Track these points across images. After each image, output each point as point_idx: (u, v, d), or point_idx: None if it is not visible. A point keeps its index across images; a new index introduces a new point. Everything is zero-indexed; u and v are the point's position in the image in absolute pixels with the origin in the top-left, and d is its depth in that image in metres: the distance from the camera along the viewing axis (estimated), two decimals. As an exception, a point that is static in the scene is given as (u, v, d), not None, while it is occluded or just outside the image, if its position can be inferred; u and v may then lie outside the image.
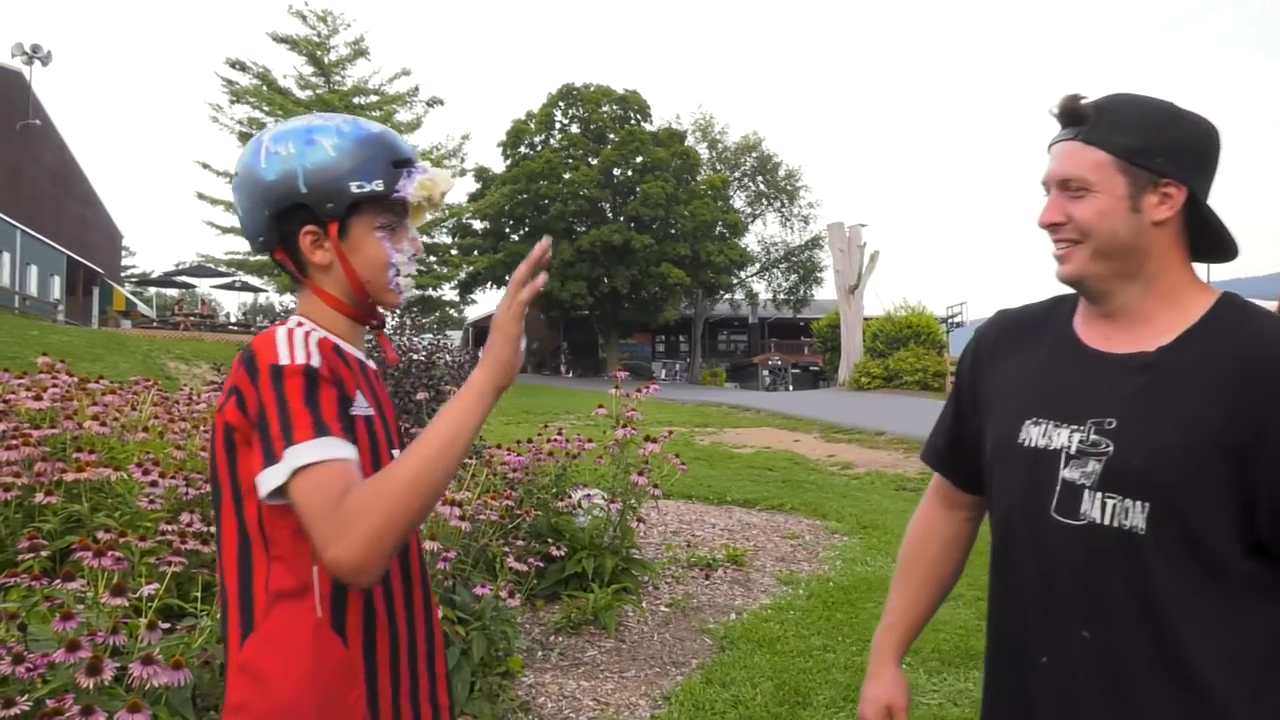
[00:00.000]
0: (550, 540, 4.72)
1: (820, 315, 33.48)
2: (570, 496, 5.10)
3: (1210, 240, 1.31)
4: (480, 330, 45.73)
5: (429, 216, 1.45)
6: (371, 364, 1.46)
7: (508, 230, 37.58)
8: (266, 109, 30.39)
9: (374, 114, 31.48)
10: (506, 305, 1.25)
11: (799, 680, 3.99)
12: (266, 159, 1.34)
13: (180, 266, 39.22)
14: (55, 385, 4.59)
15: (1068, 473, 1.28)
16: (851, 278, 27.02)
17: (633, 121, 38.12)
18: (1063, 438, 1.29)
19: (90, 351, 16.44)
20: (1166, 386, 1.24)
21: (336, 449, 1.19)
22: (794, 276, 44.65)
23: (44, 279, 30.06)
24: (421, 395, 6.26)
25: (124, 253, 50.56)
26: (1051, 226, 1.31)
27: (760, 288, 45.31)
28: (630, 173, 36.99)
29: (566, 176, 35.70)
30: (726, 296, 43.03)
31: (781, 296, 44.67)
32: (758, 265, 44.44)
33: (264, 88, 30.82)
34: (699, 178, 38.82)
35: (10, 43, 30.14)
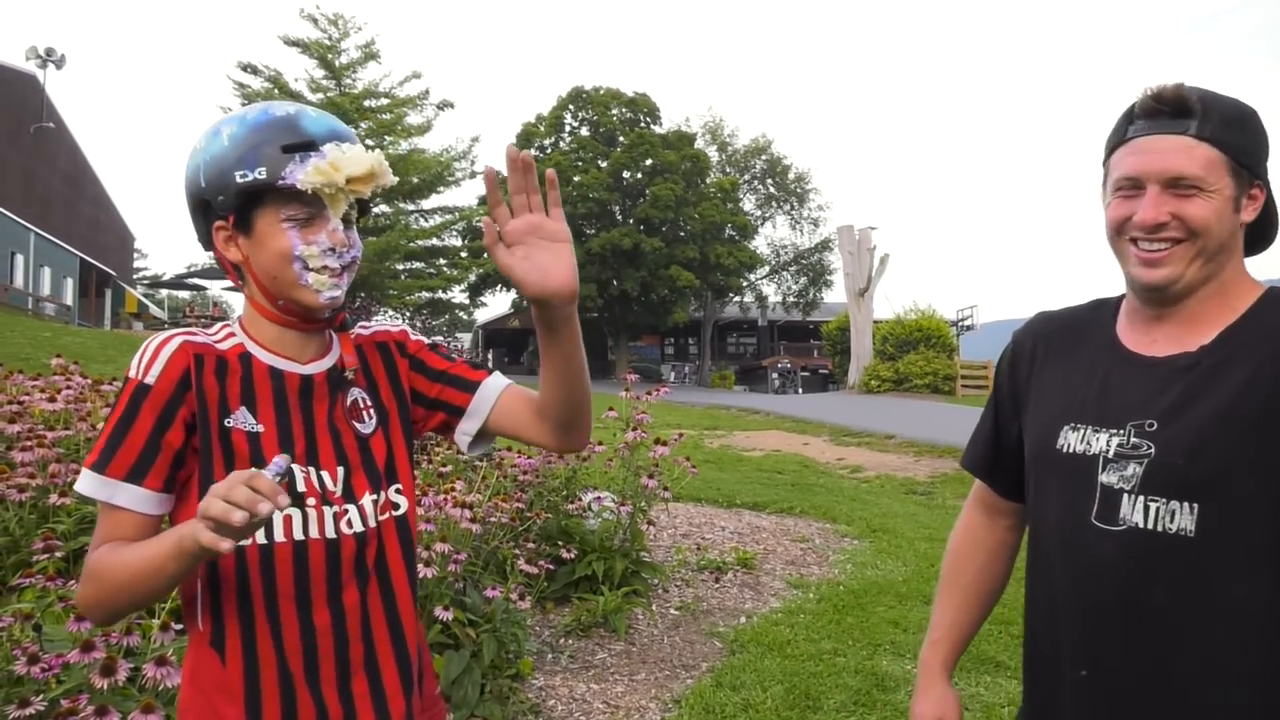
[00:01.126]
0: (560, 543, 4.73)
1: (830, 318, 33.41)
2: (580, 499, 5.10)
3: (1261, 234, 1.31)
4: (490, 333, 45.81)
5: (352, 203, 1.30)
6: (306, 371, 1.34)
7: (517, 233, 37.63)
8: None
9: (384, 117, 31.64)
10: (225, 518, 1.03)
11: (809, 684, 3.99)
12: (190, 157, 1.30)
13: (192, 269, 39.45)
14: (69, 387, 4.62)
15: (1105, 477, 1.24)
16: (861, 280, 26.97)
17: (642, 124, 38.14)
18: (1101, 442, 1.26)
19: (103, 353, 16.51)
20: (1207, 384, 1.21)
21: (99, 488, 1.21)
22: (803, 279, 44.60)
23: (57, 281, 30.23)
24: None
25: (136, 255, 50.82)
26: (1156, 227, 1.22)
27: (769, 290, 45.36)
28: (640, 175, 37.01)
29: (576, 179, 35.73)
30: (736, 299, 43.00)
31: (791, 299, 44.63)
32: (767, 268, 44.42)
33: (275, 91, 30.98)
34: (708, 180, 38.84)
35: (25, 46, 30.30)
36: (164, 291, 51.24)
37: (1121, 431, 1.25)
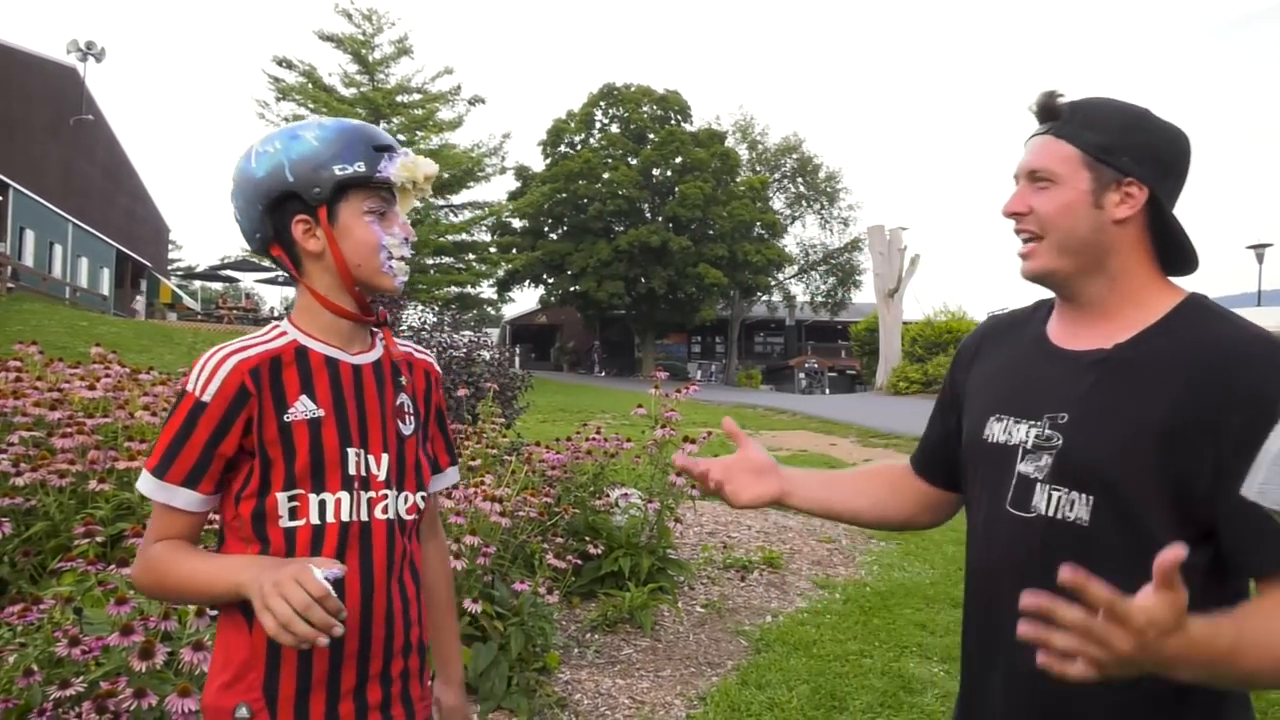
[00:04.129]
0: (587, 538, 4.75)
1: (858, 319, 33.19)
2: (608, 495, 5.12)
3: (1173, 248, 1.31)
4: (518, 328, 45.96)
5: (417, 202, 1.48)
6: (356, 362, 1.45)
7: (546, 229, 37.75)
8: (312, 106, 30.79)
9: (416, 112, 31.80)
10: (292, 597, 1.14)
11: (835, 684, 3.98)
12: (256, 159, 1.41)
13: (225, 261, 39.90)
14: (108, 375, 4.70)
15: (1023, 467, 1.30)
16: (891, 281, 26.80)
17: (673, 122, 38.08)
18: (1021, 433, 1.32)
19: (137, 343, 16.77)
20: (1117, 381, 1.25)
21: (159, 491, 1.35)
22: (832, 279, 44.34)
23: (94, 271, 30.70)
24: (462, 391, 6.31)
25: (171, 246, 51.51)
26: (1015, 216, 1.34)
27: (798, 290, 45.14)
28: (669, 173, 36.94)
29: (605, 176, 35.73)
30: (764, 298, 42.85)
31: (819, 299, 44.37)
32: (796, 267, 44.22)
33: (309, 85, 31.22)
34: (738, 179, 38.69)
35: (66, 39, 30.71)
36: (197, 283, 51.99)
37: (1039, 423, 1.30)
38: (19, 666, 2.34)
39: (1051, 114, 1.32)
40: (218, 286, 49.95)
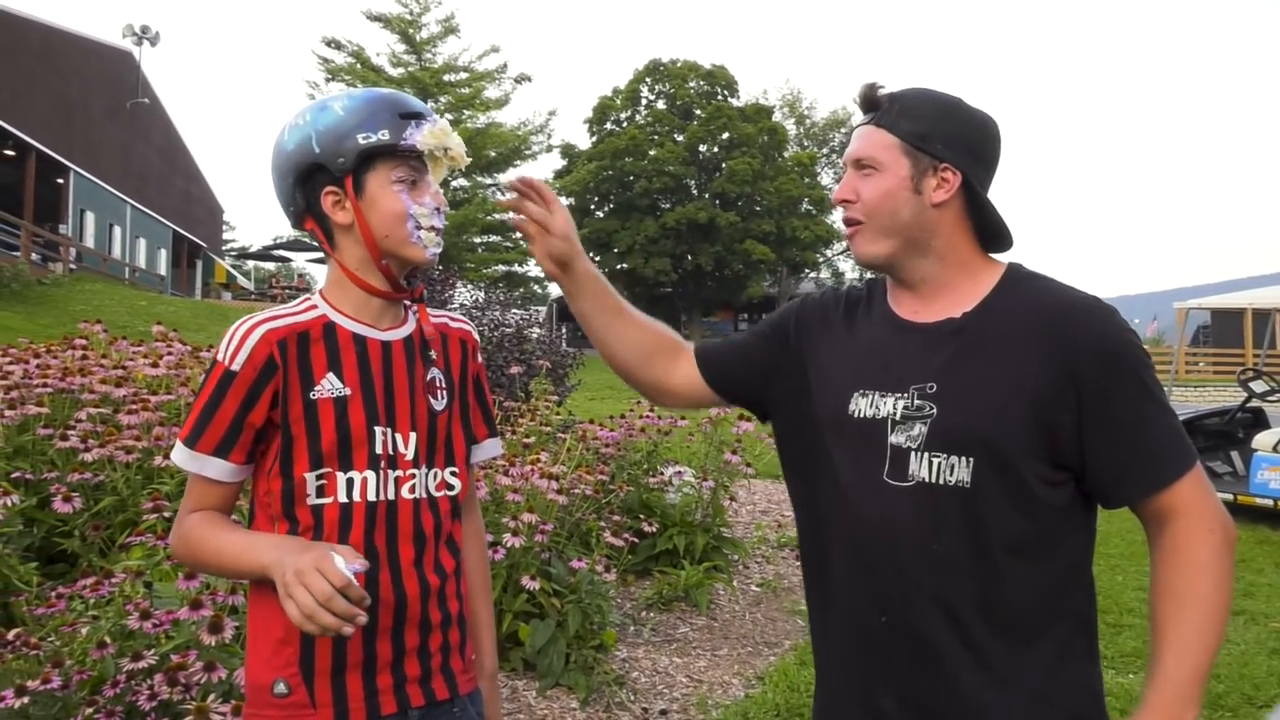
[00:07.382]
0: (641, 516, 4.73)
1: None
2: (662, 473, 5.10)
3: (990, 229, 1.41)
4: (563, 307, 46.02)
5: (449, 171, 1.45)
6: (385, 338, 1.43)
7: (593, 207, 37.69)
8: (361, 86, 31.01)
9: (463, 91, 31.91)
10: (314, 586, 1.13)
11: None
12: (289, 132, 1.41)
13: (277, 241, 40.51)
14: (169, 353, 4.77)
15: (895, 438, 1.34)
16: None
17: (720, 97, 37.71)
18: (888, 406, 1.36)
19: (194, 321, 17.09)
20: (976, 348, 1.33)
21: (191, 461, 1.35)
22: (881, 255, 43.70)
23: (151, 251, 31.34)
24: (515, 369, 6.32)
25: (225, 227, 52.40)
26: (843, 203, 1.42)
27: (846, 266, 44.60)
28: (716, 149, 36.64)
29: (652, 153, 35.53)
30: (812, 275, 42.45)
31: (869, 275, 43.76)
32: (844, 244, 43.74)
33: (358, 65, 31.48)
34: (786, 154, 38.26)
35: (122, 24, 31.20)
36: (250, 263, 52.88)
37: (905, 395, 1.35)
38: (92, 639, 2.38)
39: (873, 104, 1.41)
40: (270, 266, 50.78)
